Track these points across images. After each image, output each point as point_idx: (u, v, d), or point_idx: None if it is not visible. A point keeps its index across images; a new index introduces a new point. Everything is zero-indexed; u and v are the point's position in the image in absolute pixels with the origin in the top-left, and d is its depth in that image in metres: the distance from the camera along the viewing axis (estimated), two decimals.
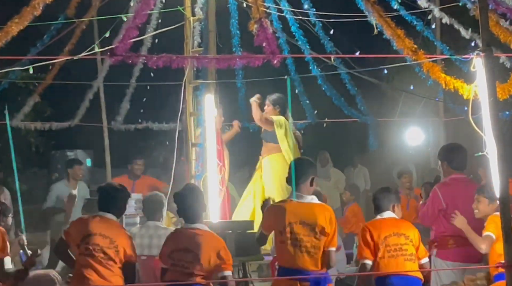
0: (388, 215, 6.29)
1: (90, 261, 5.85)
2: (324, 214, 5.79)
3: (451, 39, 11.00)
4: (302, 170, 5.86)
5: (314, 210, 5.78)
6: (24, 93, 12.94)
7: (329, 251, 5.77)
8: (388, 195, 6.38)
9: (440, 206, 6.88)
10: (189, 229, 5.87)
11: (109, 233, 5.93)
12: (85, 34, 10.53)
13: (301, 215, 5.72)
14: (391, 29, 7.50)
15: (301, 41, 10.19)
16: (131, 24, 7.02)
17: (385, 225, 6.23)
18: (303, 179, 5.83)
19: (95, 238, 5.89)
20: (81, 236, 5.92)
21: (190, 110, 8.90)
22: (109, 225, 5.99)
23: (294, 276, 5.65)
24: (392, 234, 6.16)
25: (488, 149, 5.98)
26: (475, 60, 6.23)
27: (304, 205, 5.77)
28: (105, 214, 6.07)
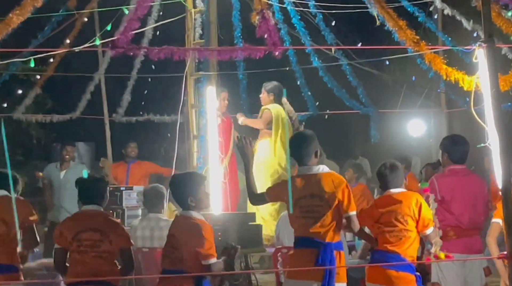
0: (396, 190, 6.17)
1: (84, 257, 5.81)
2: (333, 181, 5.75)
3: (453, 30, 10.98)
4: (305, 144, 5.85)
5: (322, 179, 5.75)
6: (25, 85, 12.94)
7: (349, 216, 5.74)
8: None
9: (436, 197, 6.86)
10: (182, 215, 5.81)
11: (98, 226, 5.86)
12: (86, 26, 10.52)
13: (309, 187, 5.71)
14: (393, 20, 7.47)
15: (302, 33, 10.18)
16: (132, 16, 7.01)
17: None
18: (306, 152, 5.82)
19: (85, 234, 5.82)
20: (72, 235, 5.84)
21: (191, 102, 8.89)
22: (96, 217, 5.96)
23: (305, 244, 5.67)
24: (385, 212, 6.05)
25: (490, 140, 5.95)
26: (477, 51, 6.21)
27: (311, 176, 5.75)
28: (88, 206, 6.00)
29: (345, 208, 5.71)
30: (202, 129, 8.60)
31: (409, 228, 5.97)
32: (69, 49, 8.54)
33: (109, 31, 8.29)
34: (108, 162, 11.17)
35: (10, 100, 13.27)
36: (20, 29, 7.57)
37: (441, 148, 7.12)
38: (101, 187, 6.09)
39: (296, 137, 6.06)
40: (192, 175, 6.06)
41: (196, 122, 8.86)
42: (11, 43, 7.81)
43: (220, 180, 8.35)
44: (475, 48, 6.19)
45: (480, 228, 6.75)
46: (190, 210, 5.69)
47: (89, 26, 10.60)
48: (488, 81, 5.49)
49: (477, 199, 6.78)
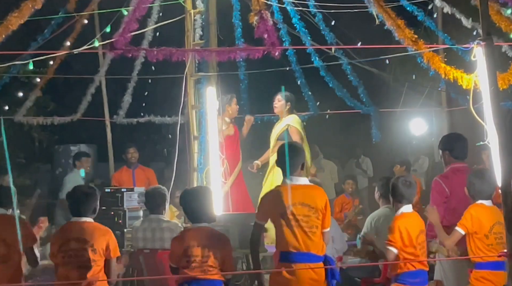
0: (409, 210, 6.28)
1: (68, 267, 5.84)
2: (320, 195, 5.80)
3: (454, 29, 10.97)
4: (295, 156, 5.84)
5: (310, 190, 5.80)
6: (26, 88, 12.95)
7: (325, 232, 5.79)
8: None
9: (445, 194, 6.86)
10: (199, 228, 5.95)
11: (84, 235, 5.89)
12: (86, 28, 10.53)
13: (299, 196, 5.71)
14: (392, 19, 7.47)
15: (302, 33, 10.18)
16: (131, 17, 7.01)
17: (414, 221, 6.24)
18: (293, 165, 5.82)
19: (70, 243, 5.87)
20: (58, 246, 5.90)
21: (191, 103, 8.90)
22: (83, 227, 5.96)
23: (301, 260, 5.64)
24: (420, 232, 6.16)
25: (489, 138, 5.95)
26: (476, 50, 6.21)
27: (300, 186, 5.76)
28: (79, 218, 6.02)
29: (325, 224, 5.76)
30: (202, 130, 8.61)
31: None
32: (68, 51, 8.54)
33: (108, 33, 8.28)
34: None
35: (11, 103, 13.28)
36: (20, 32, 7.57)
37: (441, 146, 7.12)
38: (91, 200, 6.08)
39: (283, 148, 5.96)
40: (207, 190, 6.24)
41: (197, 123, 8.87)
42: (11, 45, 7.81)
43: (220, 180, 8.37)
44: (473, 47, 6.19)
45: None
46: (204, 222, 5.91)
47: (89, 28, 10.61)
48: (486, 80, 5.49)
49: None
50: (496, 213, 6.18)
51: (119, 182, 10.71)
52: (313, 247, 5.66)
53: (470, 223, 6.24)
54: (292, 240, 5.67)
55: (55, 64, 11.02)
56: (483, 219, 6.24)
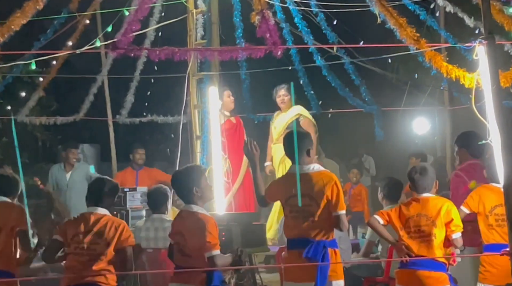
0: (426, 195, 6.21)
1: (80, 258, 5.87)
2: (323, 180, 5.73)
3: (456, 27, 10.96)
4: (300, 143, 5.78)
5: (312, 178, 5.75)
6: (29, 87, 12.97)
7: (338, 215, 5.70)
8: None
9: (467, 187, 6.93)
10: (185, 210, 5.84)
11: (99, 227, 5.92)
12: (88, 28, 10.54)
13: (300, 185, 5.65)
14: (394, 18, 7.47)
15: (304, 32, 10.18)
16: (133, 17, 7.02)
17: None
18: (301, 150, 5.78)
19: (83, 235, 5.90)
20: (71, 235, 5.93)
21: (194, 103, 8.90)
22: (98, 219, 5.99)
23: (298, 246, 5.65)
24: (415, 216, 6.09)
25: (492, 137, 5.96)
26: (478, 48, 6.21)
27: (302, 176, 5.70)
28: (94, 208, 6.06)
29: (333, 207, 5.69)
30: (205, 130, 8.62)
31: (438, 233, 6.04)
32: (71, 51, 8.56)
33: (111, 32, 8.30)
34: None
35: (14, 103, 13.30)
36: (22, 32, 7.59)
37: (458, 143, 7.19)
38: (108, 191, 6.15)
39: (289, 136, 6.00)
40: (193, 167, 6.08)
41: (199, 122, 8.87)
42: (14, 45, 7.83)
43: (223, 179, 8.37)
44: (475, 45, 6.18)
45: None
46: (193, 203, 5.72)
47: (91, 28, 10.62)
48: (489, 78, 5.49)
49: None
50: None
51: (122, 182, 10.70)
52: (311, 233, 5.65)
53: (473, 203, 6.35)
54: (294, 229, 5.72)
55: (58, 64, 11.03)
56: (486, 200, 6.31)
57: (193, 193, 5.70)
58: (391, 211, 6.22)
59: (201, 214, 5.68)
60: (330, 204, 5.69)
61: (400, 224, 6.11)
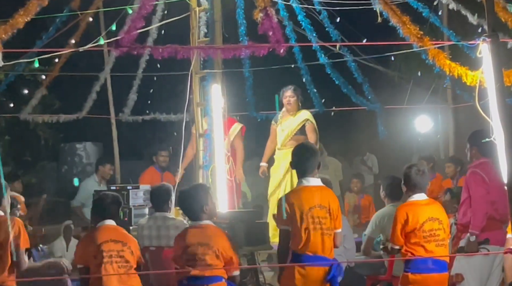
0: (422, 197, 6.22)
1: (107, 267, 5.99)
2: (332, 196, 5.85)
3: (460, 25, 10.94)
4: (312, 157, 5.86)
5: (324, 192, 5.83)
6: (31, 85, 12.97)
7: (336, 232, 5.82)
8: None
9: (486, 184, 6.96)
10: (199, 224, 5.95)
11: (119, 237, 6.10)
12: (91, 26, 10.53)
13: (317, 198, 5.73)
14: (397, 16, 7.46)
15: (307, 30, 10.17)
16: (136, 15, 7.01)
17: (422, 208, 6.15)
18: (313, 165, 5.85)
19: (106, 244, 6.04)
20: (95, 247, 6.06)
21: (197, 101, 8.90)
22: (114, 230, 6.12)
23: (315, 262, 5.68)
24: (428, 220, 6.09)
25: (495, 135, 5.95)
26: (481, 46, 6.19)
27: (316, 188, 5.80)
28: (105, 222, 6.20)
29: (336, 224, 5.79)
30: (208, 128, 8.61)
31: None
32: (74, 49, 8.55)
33: (114, 31, 8.28)
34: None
35: (17, 101, 13.31)
36: (25, 30, 7.57)
37: (470, 142, 7.19)
38: (114, 205, 6.36)
39: (300, 150, 6.03)
40: (200, 186, 6.32)
41: (202, 120, 8.87)
42: (17, 43, 7.82)
43: (226, 178, 8.37)
44: (479, 43, 6.17)
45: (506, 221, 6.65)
46: (203, 219, 5.92)
47: (94, 26, 10.61)
48: (492, 76, 5.48)
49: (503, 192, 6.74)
50: None
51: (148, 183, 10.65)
52: (326, 250, 5.72)
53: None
54: (310, 243, 5.71)
55: (61, 62, 11.02)
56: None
57: (203, 211, 5.92)
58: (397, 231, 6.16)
59: (221, 230, 5.97)
60: (336, 220, 5.79)
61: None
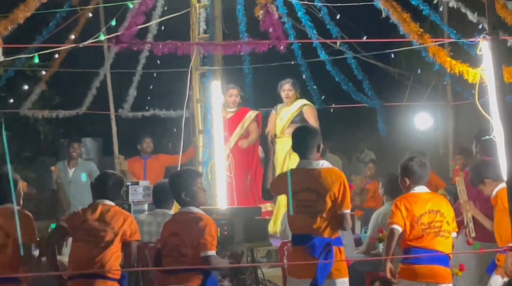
0: (424, 190, 6.11)
1: (87, 246, 5.90)
2: (331, 177, 5.72)
3: (460, 23, 10.93)
4: (308, 138, 5.84)
5: (321, 174, 5.74)
6: (31, 81, 12.97)
7: (343, 213, 5.69)
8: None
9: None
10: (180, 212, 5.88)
11: (106, 217, 5.97)
12: (91, 22, 10.53)
13: (307, 181, 5.69)
14: (397, 13, 7.46)
15: (307, 27, 10.17)
16: (137, 11, 7.02)
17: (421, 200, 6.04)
18: (310, 147, 5.82)
19: (91, 223, 5.95)
20: (79, 222, 5.98)
21: (196, 97, 8.90)
22: (107, 209, 6.04)
23: (302, 242, 5.66)
24: (427, 212, 5.97)
25: (495, 133, 5.95)
26: (482, 44, 6.19)
27: (311, 171, 5.74)
28: (101, 200, 6.12)
29: (339, 205, 5.68)
30: (207, 124, 8.62)
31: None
32: (74, 45, 8.55)
33: (114, 26, 8.28)
34: (122, 158, 11.22)
35: (16, 96, 13.30)
36: (25, 25, 7.58)
37: (476, 139, 7.20)
38: (113, 184, 6.21)
39: (299, 130, 6.01)
40: (184, 171, 6.13)
41: (202, 117, 8.87)
42: (17, 39, 7.82)
43: (225, 174, 8.38)
44: (479, 41, 6.17)
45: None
46: (187, 205, 5.77)
47: (94, 21, 10.61)
48: (492, 74, 5.48)
49: None
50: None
51: (132, 172, 10.76)
52: (316, 230, 5.65)
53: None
54: (297, 224, 5.73)
55: (61, 58, 11.04)
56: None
57: (182, 197, 5.77)
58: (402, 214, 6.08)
59: (198, 214, 5.73)
60: (336, 202, 5.68)
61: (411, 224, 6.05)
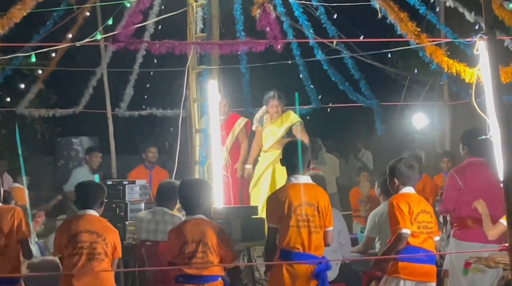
0: (413, 191, 6.14)
1: (79, 259, 5.88)
2: (322, 194, 5.84)
3: (457, 23, 10.94)
4: (301, 154, 5.82)
5: (314, 190, 5.82)
6: (28, 80, 12.97)
7: (328, 230, 5.81)
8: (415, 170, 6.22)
9: (458, 186, 6.99)
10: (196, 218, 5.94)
11: (94, 228, 5.95)
12: (88, 21, 10.52)
13: (306, 195, 5.72)
14: (394, 12, 7.47)
15: (304, 26, 10.16)
16: (134, 10, 7.01)
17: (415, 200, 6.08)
18: (304, 162, 5.83)
19: (81, 235, 5.91)
20: (67, 237, 5.94)
21: (193, 96, 8.90)
22: (91, 220, 6.01)
23: (301, 259, 5.67)
24: (421, 211, 6.01)
25: (492, 132, 5.95)
26: (478, 43, 6.19)
27: (306, 186, 5.77)
28: (86, 211, 6.08)
29: (327, 222, 5.78)
30: (204, 123, 8.61)
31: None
32: (71, 44, 8.55)
33: (111, 25, 8.28)
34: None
35: (13, 95, 13.30)
36: (22, 24, 7.57)
37: (462, 141, 7.21)
38: (98, 194, 6.18)
39: (293, 145, 5.95)
40: (205, 181, 6.38)
41: (198, 116, 8.87)
42: (14, 38, 7.81)
43: (222, 173, 8.38)
44: (476, 40, 6.17)
45: (495, 219, 6.57)
46: (199, 213, 5.91)
47: (91, 20, 10.60)
48: (489, 73, 5.49)
49: (491, 190, 6.68)
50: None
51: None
52: (314, 248, 5.71)
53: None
54: (297, 240, 5.70)
55: (58, 57, 11.04)
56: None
57: (200, 206, 5.94)
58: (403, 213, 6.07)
59: (212, 222, 5.95)
60: (326, 218, 5.77)
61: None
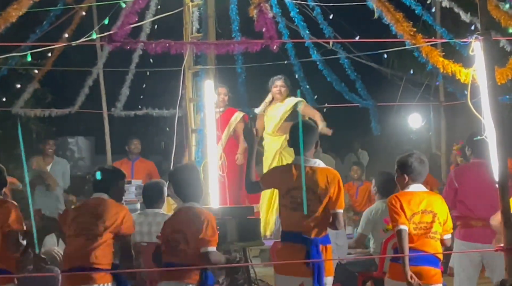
0: (421, 188, 5.95)
1: (80, 239, 5.88)
2: (328, 177, 5.73)
3: (453, 23, 10.96)
4: (309, 135, 5.80)
5: (317, 173, 5.74)
6: (24, 79, 12.94)
7: (336, 213, 5.72)
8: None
9: (453, 186, 7.03)
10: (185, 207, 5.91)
11: (101, 211, 5.94)
12: (84, 21, 10.51)
13: (305, 178, 5.67)
14: (390, 13, 7.47)
15: (300, 26, 10.17)
16: (130, 10, 7.01)
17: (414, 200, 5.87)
18: (309, 143, 5.79)
19: (85, 216, 5.94)
20: (72, 216, 6.00)
21: (189, 96, 8.89)
22: (101, 204, 6.01)
23: (292, 239, 5.68)
24: (419, 212, 5.79)
25: (487, 133, 5.96)
26: (474, 44, 6.20)
27: (307, 168, 5.69)
28: (99, 194, 6.10)
29: (333, 204, 5.71)
30: (200, 123, 8.62)
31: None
32: (67, 43, 8.54)
33: (107, 25, 8.27)
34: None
35: (9, 95, 13.27)
36: (18, 24, 7.56)
37: (466, 143, 7.27)
38: (113, 179, 6.20)
39: (297, 126, 5.89)
40: (189, 166, 6.29)
41: (194, 116, 8.87)
42: (9, 37, 7.80)
43: (217, 173, 8.38)
44: (471, 41, 6.18)
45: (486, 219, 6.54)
46: (191, 201, 5.83)
47: (87, 20, 10.59)
48: (484, 74, 5.50)
49: (488, 190, 6.56)
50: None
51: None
52: (307, 229, 5.67)
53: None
54: (289, 222, 5.73)
55: (53, 56, 11.02)
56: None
57: (186, 192, 5.88)
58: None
59: (199, 209, 5.81)
60: (331, 201, 5.70)
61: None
